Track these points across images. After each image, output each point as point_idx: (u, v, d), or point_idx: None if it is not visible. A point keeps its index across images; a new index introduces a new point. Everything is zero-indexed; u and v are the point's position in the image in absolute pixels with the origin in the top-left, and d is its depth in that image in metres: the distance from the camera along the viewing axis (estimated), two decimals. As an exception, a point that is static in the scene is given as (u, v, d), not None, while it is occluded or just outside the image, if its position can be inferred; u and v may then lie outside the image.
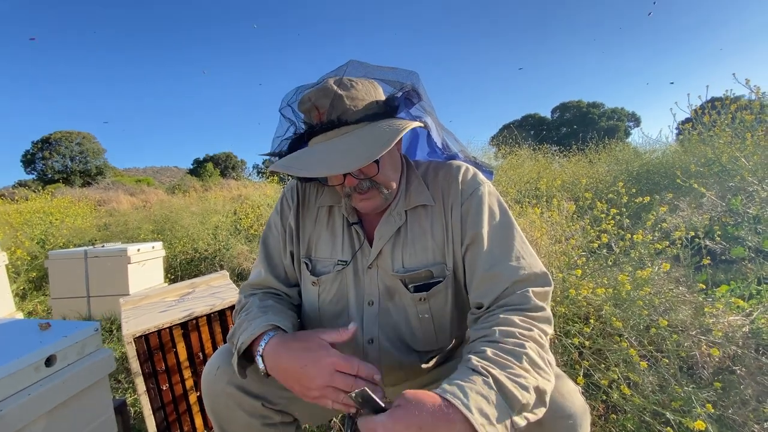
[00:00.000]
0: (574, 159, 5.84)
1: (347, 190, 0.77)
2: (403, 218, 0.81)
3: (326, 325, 0.85)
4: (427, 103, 0.80)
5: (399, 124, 0.71)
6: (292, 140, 0.80)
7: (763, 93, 3.17)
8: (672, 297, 1.64)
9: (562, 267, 1.89)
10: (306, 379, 0.62)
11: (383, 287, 0.81)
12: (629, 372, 1.36)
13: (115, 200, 13.61)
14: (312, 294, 0.85)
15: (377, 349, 0.81)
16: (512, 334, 0.62)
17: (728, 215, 2.51)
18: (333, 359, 0.62)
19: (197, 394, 1.44)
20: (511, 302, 0.68)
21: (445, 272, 0.79)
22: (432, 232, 0.80)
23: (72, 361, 0.92)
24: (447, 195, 0.81)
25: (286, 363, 0.66)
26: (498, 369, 0.56)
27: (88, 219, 6.99)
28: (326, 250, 0.85)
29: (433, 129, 0.84)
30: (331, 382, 0.61)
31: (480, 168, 0.90)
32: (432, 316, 0.81)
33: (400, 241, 0.81)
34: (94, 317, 2.93)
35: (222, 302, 1.51)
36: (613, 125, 38.37)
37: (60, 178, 33.98)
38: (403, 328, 0.82)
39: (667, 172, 4.11)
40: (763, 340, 1.54)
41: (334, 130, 0.72)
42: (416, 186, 0.83)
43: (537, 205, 2.70)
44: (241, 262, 3.86)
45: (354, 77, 0.76)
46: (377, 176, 0.76)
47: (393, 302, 0.81)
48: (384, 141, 0.67)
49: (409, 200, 0.82)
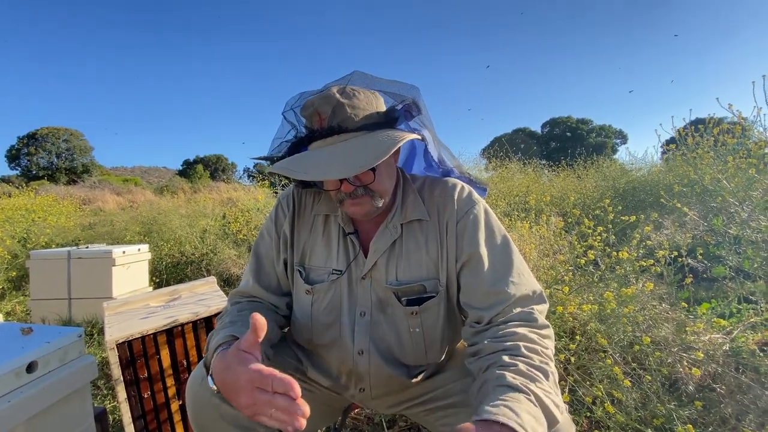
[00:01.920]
0: (563, 174, 5.94)
1: (341, 195, 0.77)
2: (399, 231, 0.82)
3: (317, 334, 0.84)
4: (427, 118, 0.81)
5: (397, 135, 0.72)
6: (291, 144, 0.81)
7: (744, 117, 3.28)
8: (655, 314, 1.68)
9: (550, 282, 1.92)
10: (236, 398, 0.58)
11: (376, 299, 0.82)
12: (613, 389, 1.38)
13: (101, 199, 13.37)
14: (305, 303, 0.85)
15: (367, 361, 0.81)
16: (536, 351, 0.63)
17: (710, 234, 2.58)
18: (249, 376, 0.56)
19: (179, 402, 1.41)
20: (518, 318, 0.70)
21: (438, 288, 0.80)
22: (427, 247, 0.81)
23: (54, 367, 0.90)
24: (443, 212, 0.82)
25: (221, 380, 0.62)
26: (535, 385, 0.57)
27: (72, 218, 6.86)
28: (321, 258, 0.85)
29: (430, 143, 0.85)
30: (254, 400, 0.55)
31: (474, 185, 0.91)
32: (423, 331, 0.81)
33: (395, 254, 0.82)
34: (74, 320, 2.86)
35: (208, 309, 1.49)
36: (601, 142, 39.11)
37: (45, 175, 33.26)
38: (393, 342, 0.82)
39: (652, 190, 4.22)
40: (743, 358, 1.57)
41: (333, 136, 0.73)
42: (412, 200, 0.84)
43: (526, 219, 2.74)
44: (228, 267, 3.80)
45: (357, 87, 0.77)
46: (373, 184, 0.76)
47: (385, 315, 0.82)
48: (382, 150, 0.68)
49: (405, 214, 0.83)
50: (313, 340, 0.86)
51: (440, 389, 0.84)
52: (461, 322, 0.87)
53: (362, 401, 0.91)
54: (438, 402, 0.84)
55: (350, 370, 0.83)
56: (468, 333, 0.75)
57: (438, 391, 0.85)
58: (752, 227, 2.14)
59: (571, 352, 1.53)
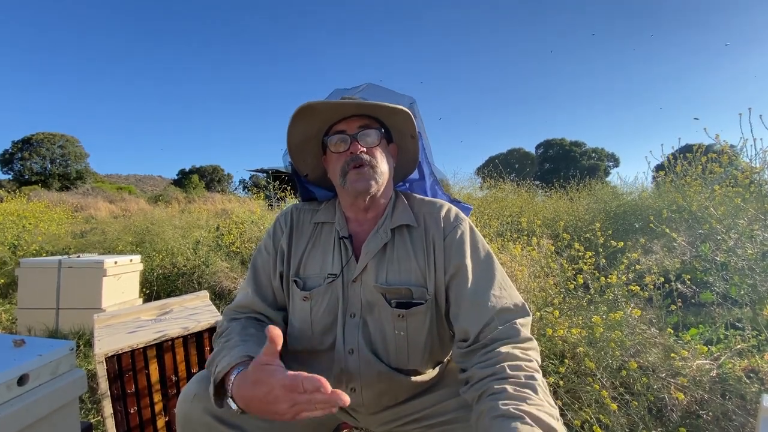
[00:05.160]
0: (555, 196, 6.03)
1: (347, 160, 0.85)
2: (389, 236, 0.87)
3: (318, 338, 0.86)
4: (421, 125, 0.93)
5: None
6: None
7: (733, 146, 3.37)
8: (643, 339, 1.70)
9: (540, 304, 1.94)
10: (274, 408, 0.61)
11: (365, 301, 0.85)
12: (601, 414, 1.39)
13: (94, 207, 13.28)
14: (303, 310, 0.87)
15: (357, 359, 0.83)
16: (520, 368, 0.67)
17: (698, 260, 2.62)
18: (283, 383, 0.60)
19: (165, 419, 1.39)
20: (502, 335, 0.73)
21: (426, 296, 0.83)
22: (415, 255, 0.86)
23: (44, 381, 0.90)
24: (430, 226, 0.88)
25: (250, 397, 0.65)
26: (527, 404, 0.60)
27: (63, 225, 6.79)
28: (316, 267, 0.89)
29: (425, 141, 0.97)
30: (294, 402, 0.59)
31: (457, 204, 0.98)
32: (407, 336, 0.83)
33: (386, 258, 0.86)
34: (61, 331, 2.82)
35: (199, 324, 1.49)
36: (593, 164, 39.75)
37: (37, 180, 32.94)
38: (378, 342, 0.84)
39: (642, 214, 4.29)
40: (730, 385, 1.59)
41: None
42: (402, 209, 0.91)
43: (518, 240, 2.77)
44: (220, 280, 3.77)
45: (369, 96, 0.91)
46: (374, 155, 0.86)
47: (372, 316, 0.85)
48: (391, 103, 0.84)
49: (395, 219, 0.89)
50: (314, 347, 0.87)
51: (434, 407, 0.85)
52: (450, 338, 0.89)
53: (354, 410, 0.90)
54: (432, 420, 0.84)
55: (342, 368, 0.84)
56: (457, 355, 0.78)
57: (431, 408, 0.85)
58: (738, 254, 2.18)
59: (560, 376, 1.54)
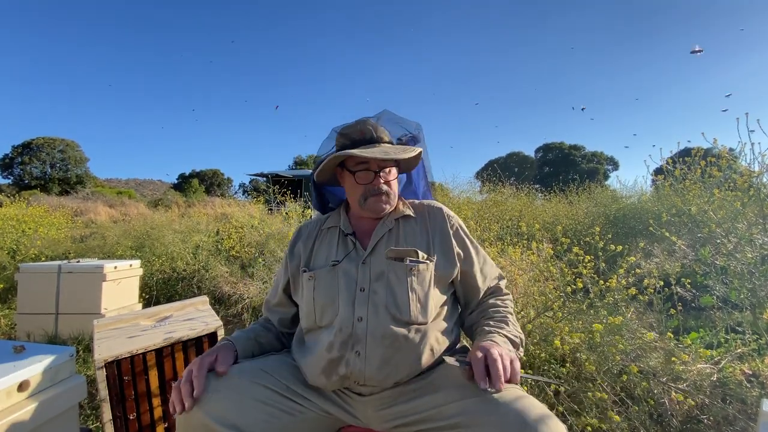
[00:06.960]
0: (555, 200, 6.03)
1: (370, 188, 1.03)
2: (393, 224, 1.07)
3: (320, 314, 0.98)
4: (424, 146, 1.17)
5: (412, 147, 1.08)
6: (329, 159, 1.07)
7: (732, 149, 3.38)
8: (644, 343, 1.70)
9: (540, 308, 1.94)
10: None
11: (374, 274, 0.98)
12: (601, 423, 1.39)
13: (93, 211, 13.28)
14: (308, 289, 1.01)
15: (365, 324, 0.93)
16: (499, 311, 1.03)
17: (698, 264, 2.62)
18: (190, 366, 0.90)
19: (165, 425, 1.39)
20: (491, 292, 1.10)
21: (429, 259, 1.01)
22: (419, 234, 1.06)
23: (44, 387, 0.90)
24: (427, 218, 1.09)
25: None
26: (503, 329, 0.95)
27: (63, 230, 6.78)
28: (323, 258, 1.06)
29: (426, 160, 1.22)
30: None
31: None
32: (414, 287, 0.97)
33: (393, 238, 1.05)
34: (60, 336, 2.81)
35: (199, 329, 1.48)
36: (593, 168, 39.78)
37: (37, 185, 32.96)
38: (390, 300, 0.95)
39: (641, 218, 4.29)
40: (730, 389, 1.59)
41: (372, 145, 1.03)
42: (402, 206, 1.12)
43: (518, 244, 2.77)
44: (220, 285, 3.73)
45: (385, 123, 1.14)
46: (391, 186, 1.06)
47: (381, 282, 0.97)
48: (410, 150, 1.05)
49: (397, 212, 1.10)
50: (316, 322, 0.99)
51: (435, 409, 0.85)
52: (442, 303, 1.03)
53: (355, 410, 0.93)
54: (434, 423, 0.85)
55: (349, 333, 0.92)
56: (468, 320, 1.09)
57: (433, 411, 0.85)
58: (738, 258, 2.18)
59: (562, 379, 1.53)
